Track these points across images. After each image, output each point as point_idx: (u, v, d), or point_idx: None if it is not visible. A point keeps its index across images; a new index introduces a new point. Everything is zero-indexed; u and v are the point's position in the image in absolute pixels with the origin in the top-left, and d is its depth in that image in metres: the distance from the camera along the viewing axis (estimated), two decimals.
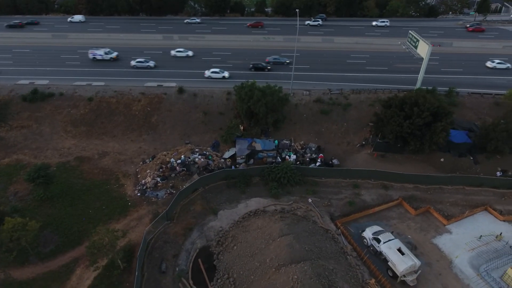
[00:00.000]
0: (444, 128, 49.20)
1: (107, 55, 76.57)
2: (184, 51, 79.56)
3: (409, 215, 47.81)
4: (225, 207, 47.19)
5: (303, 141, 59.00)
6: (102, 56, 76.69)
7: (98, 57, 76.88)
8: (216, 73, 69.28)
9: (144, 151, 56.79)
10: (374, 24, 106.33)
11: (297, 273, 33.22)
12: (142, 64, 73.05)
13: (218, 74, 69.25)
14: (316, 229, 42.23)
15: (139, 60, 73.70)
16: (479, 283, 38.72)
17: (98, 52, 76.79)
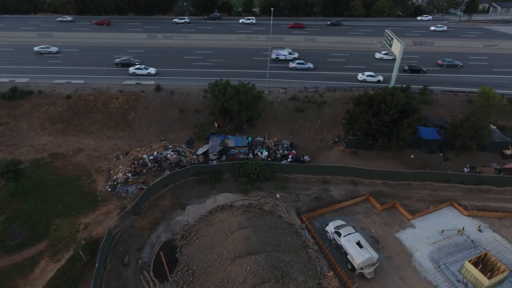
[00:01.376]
0: (411, 125, 49.92)
1: (291, 55, 77.72)
2: None
3: (375, 210, 48.53)
4: (193, 202, 47.88)
5: (277, 138, 59.68)
6: (285, 56, 77.40)
7: (282, 57, 77.41)
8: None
9: (118, 147, 57.48)
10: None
11: (250, 264, 33.93)
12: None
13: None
14: (280, 223, 42.90)
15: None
16: (436, 275, 39.42)
17: (283, 52, 78.05)
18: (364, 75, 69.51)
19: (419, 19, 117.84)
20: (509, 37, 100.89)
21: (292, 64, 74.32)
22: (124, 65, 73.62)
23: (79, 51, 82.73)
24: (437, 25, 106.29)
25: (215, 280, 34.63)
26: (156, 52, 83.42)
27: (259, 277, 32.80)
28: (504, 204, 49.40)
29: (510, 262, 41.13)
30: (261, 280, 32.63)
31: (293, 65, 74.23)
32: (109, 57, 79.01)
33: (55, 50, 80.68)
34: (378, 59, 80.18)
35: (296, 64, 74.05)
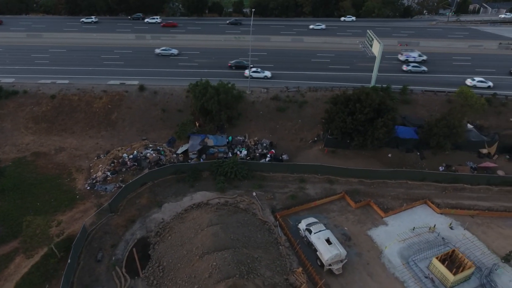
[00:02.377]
0: (385, 124, 50.68)
1: (420, 57, 78.23)
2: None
3: (349, 208, 49.29)
4: (170, 200, 48.60)
5: (257, 137, 60.43)
6: (415, 58, 78.07)
7: (411, 58, 78.23)
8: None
9: (100, 147, 58.22)
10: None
11: (216, 260, 34.70)
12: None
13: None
14: (253, 220, 43.67)
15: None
16: (404, 272, 40.17)
17: (413, 54, 78.79)
18: (250, 71, 66.45)
19: (341, 19, 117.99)
20: (495, 37, 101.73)
21: None
22: (238, 68, 74.18)
23: (66, 51, 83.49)
24: None
25: (183, 275, 35.39)
26: (143, 52, 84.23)
27: (224, 272, 33.56)
28: (477, 202, 50.13)
29: (477, 259, 41.92)
30: (226, 275, 33.38)
31: None
32: (96, 57, 79.97)
33: None
34: None
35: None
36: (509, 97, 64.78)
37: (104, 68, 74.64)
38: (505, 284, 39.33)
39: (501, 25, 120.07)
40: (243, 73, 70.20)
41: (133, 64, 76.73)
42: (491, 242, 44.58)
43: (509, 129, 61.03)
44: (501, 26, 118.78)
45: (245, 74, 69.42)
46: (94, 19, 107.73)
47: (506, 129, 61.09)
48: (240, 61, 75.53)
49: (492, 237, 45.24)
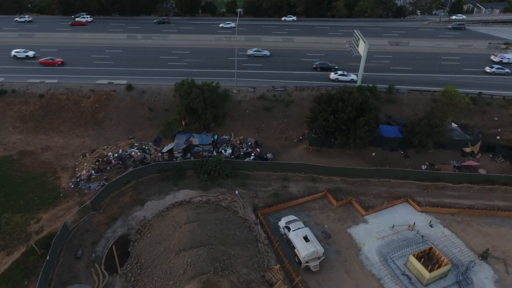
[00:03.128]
0: (367, 123, 51.06)
1: None
2: None
3: (331, 206, 49.64)
4: (153, 198, 48.97)
5: (243, 136, 60.83)
6: (509, 59, 79.04)
7: (505, 60, 79.09)
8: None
9: (86, 145, 58.61)
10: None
11: (191, 257, 35.10)
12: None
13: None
14: (233, 218, 44.07)
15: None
16: (381, 269, 40.53)
17: (507, 56, 79.68)
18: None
19: (283, 19, 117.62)
20: (486, 37, 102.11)
21: None
22: (323, 69, 74.88)
23: (57, 51, 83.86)
24: None
25: (159, 272, 35.78)
26: (133, 52, 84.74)
27: (199, 269, 33.95)
28: (459, 200, 50.49)
29: (455, 256, 42.27)
30: (200, 271, 33.76)
31: None
32: (86, 57, 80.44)
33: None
34: None
35: None
36: (494, 97, 65.09)
37: (93, 68, 75.09)
38: (481, 281, 39.68)
39: (492, 25, 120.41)
40: (329, 76, 71.70)
41: (123, 63, 77.15)
42: (470, 239, 44.94)
43: (493, 128, 61.40)
44: (493, 26, 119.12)
45: (331, 77, 70.65)
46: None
47: (490, 128, 61.46)
48: (325, 62, 76.44)
49: (471, 235, 45.60)
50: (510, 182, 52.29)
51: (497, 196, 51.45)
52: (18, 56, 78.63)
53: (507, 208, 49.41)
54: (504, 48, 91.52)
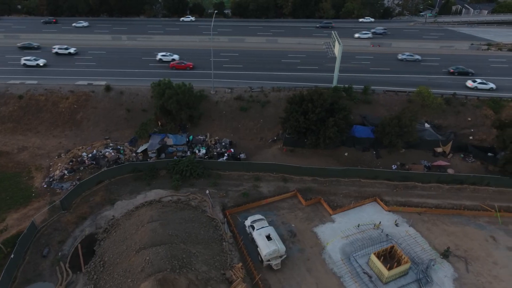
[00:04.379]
0: (336, 123, 51.71)
1: None
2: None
3: (300, 206, 50.27)
4: (124, 198, 49.59)
5: (218, 136, 61.50)
6: None
7: None
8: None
9: (63, 146, 59.21)
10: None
11: (150, 255, 35.72)
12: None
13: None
14: (200, 217, 44.70)
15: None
16: (342, 267, 41.17)
17: None
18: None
19: None
20: (469, 38, 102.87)
21: None
22: (461, 74, 75.46)
23: (41, 52, 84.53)
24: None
25: (119, 270, 36.40)
26: (117, 53, 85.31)
27: (156, 267, 34.57)
28: (427, 200, 51.16)
29: (417, 255, 42.93)
30: (157, 269, 34.37)
31: None
32: (69, 58, 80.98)
33: None
34: None
35: None
36: (469, 97, 65.75)
37: (75, 69, 75.66)
38: (440, 279, 40.34)
39: (477, 26, 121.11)
40: (466, 83, 71.25)
41: (105, 65, 77.75)
42: (434, 238, 45.60)
43: (466, 129, 62.08)
44: (477, 27, 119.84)
45: (468, 85, 70.47)
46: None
47: (463, 128, 62.15)
48: (462, 68, 76.70)
49: (435, 234, 46.26)
50: (479, 181, 52.93)
51: (465, 195, 52.13)
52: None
53: (474, 208, 50.10)
54: (485, 49, 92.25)
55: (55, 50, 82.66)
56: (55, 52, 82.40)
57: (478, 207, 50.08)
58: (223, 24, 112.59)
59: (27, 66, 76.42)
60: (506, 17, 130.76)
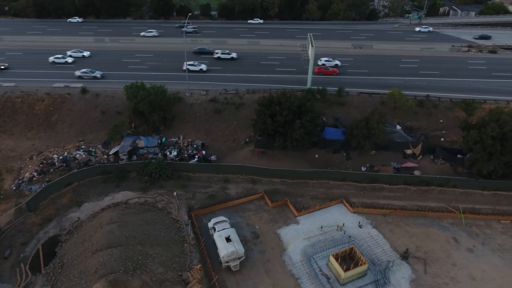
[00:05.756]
0: (303, 126, 52.09)
1: None
2: None
3: (266, 208, 50.64)
4: (92, 199, 49.98)
5: (191, 138, 61.88)
6: None
7: None
8: None
9: (36, 148, 59.56)
10: None
11: (104, 256, 36.13)
12: None
13: None
14: (163, 219, 45.12)
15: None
16: (301, 268, 41.53)
17: None
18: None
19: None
20: (452, 39, 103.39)
21: None
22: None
23: (22, 54, 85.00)
24: None
25: (76, 271, 36.81)
26: (98, 55, 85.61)
27: (109, 268, 34.95)
28: (393, 201, 51.58)
29: (376, 256, 43.34)
30: (110, 270, 34.75)
31: None
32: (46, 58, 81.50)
33: None
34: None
35: None
36: (442, 99, 66.18)
37: (54, 71, 76.04)
38: (397, 280, 40.72)
39: (462, 28, 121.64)
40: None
41: (84, 67, 77.90)
42: (396, 240, 46.01)
43: (438, 130, 62.54)
44: (462, 29, 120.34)
45: None
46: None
47: (435, 130, 62.60)
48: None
49: (397, 235, 46.66)
50: (445, 183, 53.34)
51: (432, 197, 52.54)
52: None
53: (439, 209, 50.54)
54: (466, 50, 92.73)
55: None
56: None
57: (443, 209, 50.52)
58: (208, 26, 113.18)
59: None
60: (491, 19, 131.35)
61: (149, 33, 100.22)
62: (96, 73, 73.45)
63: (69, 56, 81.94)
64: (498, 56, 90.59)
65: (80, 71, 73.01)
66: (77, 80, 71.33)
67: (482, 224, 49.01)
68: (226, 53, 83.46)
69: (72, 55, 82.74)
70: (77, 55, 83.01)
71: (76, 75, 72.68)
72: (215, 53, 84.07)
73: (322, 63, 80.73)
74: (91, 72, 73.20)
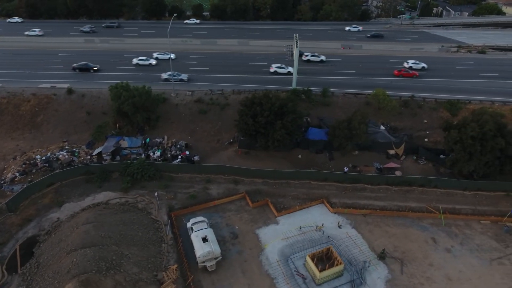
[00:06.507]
0: (284, 126, 52.22)
1: None
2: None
3: (247, 208, 50.76)
4: (73, 200, 50.10)
5: (176, 139, 61.99)
6: None
7: None
8: None
9: (20, 148, 59.67)
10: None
11: (77, 257, 36.27)
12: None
13: None
14: (141, 219, 45.26)
15: None
16: (277, 269, 41.65)
17: None
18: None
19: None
20: (442, 40, 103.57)
21: None
22: None
23: (12, 55, 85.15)
24: None
25: (50, 271, 36.93)
26: (87, 56, 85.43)
27: (81, 268, 35.09)
28: (374, 201, 51.69)
29: (354, 256, 43.46)
30: (82, 271, 34.88)
31: None
32: (38, 60, 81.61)
33: None
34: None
35: None
36: (427, 99, 66.32)
37: (41, 72, 76.17)
38: (373, 280, 40.85)
39: (453, 28, 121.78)
40: None
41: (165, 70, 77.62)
42: (374, 240, 46.12)
43: (422, 131, 62.64)
44: (453, 29, 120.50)
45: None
46: None
47: (419, 130, 62.72)
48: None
49: (376, 235, 46.77)
50: (427, 183, 53.47)
51: (413, 197, 52.67)
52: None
53: (419, 209, 50.66)
54: (455, 51, 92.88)
55: None
56: None
57: (423, 209, 50.63)
58: (199, 26, 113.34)
59: None
60: (483, 19, 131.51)
61: (32, 32, 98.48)
62: (182, 76, 72.47)
63: (155, 58, 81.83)
64: (487, 57, 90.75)
65: (166, 74, 71.97)
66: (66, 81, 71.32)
67: (461, 224, 49.14)
68: (315, 56, 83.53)
69: (159, 57, 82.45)
70: (164, 57, 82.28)
71: (162, 77, 72.12)
72: (305, 55, 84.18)
73: (409, 65, 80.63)
74: (177, 75, 71.94)
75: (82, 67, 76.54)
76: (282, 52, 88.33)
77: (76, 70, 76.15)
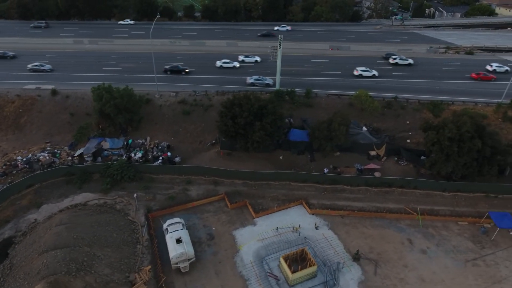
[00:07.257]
0: (263, 127, 52.31)
1: None
2: None
3: (225, 209, 50.85)
4: (51, 201, 50.18)
5: (159, 140, 62.11)
6: None
7: None
8: None
9: (2, 150, 59.76)
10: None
11: (48, 258, 36.38)
12: None
13: None
14: (118, 220, 45.37)
15: None
16: (251, 270, 41.74)
17: None
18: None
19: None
20: (431, 41, 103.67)
21: None
22: None
23: None
24: None
25: (21, 273, 37.01)
26: (75, 57, 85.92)
27: (51, 269, 35.19)
28: (353, 203, 51.76)
29: (328, 257, 43.54)
30: (52, 272, 34.99)
31: None
32: (25, 61, 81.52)
33: None
34: None
35: None
36: (410, 100, 66.43)
37: (27, 73, 76.33)
38: (346, 281, 40.96)
39: (443, 29, 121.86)
40: None
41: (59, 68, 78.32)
42: (350, 241, 46.19)
43: (404, 132, 62.75)
44: (443, 30, 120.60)
45: None
46: None
47: (402, 132, 62.82)
48: None
49: (352, 237, 46.85)
50: (406, 184, 53.55)
51: (392, 198, 52.75)
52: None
53: (398, 210, 50.75)
54: (443, 52, 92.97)
55: None
56: None
57: (402, 210, 50.71)
58: (189, 27, 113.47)
59: None
60: (474, 20, 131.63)
61: None
62: (268, 80, 71.59)
63: (241, 60, 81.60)
64: (475, 58, 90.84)
65: (252, 78, 71.63)
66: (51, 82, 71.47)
67: (439, 225, 49.24)
68: (404, 59, 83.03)
69: (245, 60, 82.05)
70: (250, 60, 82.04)
71: (248, 82, 71.50)
72: (393, 59, 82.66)
73: (493, 68, 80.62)
74: (263, 80, 71.41)
75: (174, 69, 77.10)
76: (267, 53, 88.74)
77: (167, 73, 76.42)
